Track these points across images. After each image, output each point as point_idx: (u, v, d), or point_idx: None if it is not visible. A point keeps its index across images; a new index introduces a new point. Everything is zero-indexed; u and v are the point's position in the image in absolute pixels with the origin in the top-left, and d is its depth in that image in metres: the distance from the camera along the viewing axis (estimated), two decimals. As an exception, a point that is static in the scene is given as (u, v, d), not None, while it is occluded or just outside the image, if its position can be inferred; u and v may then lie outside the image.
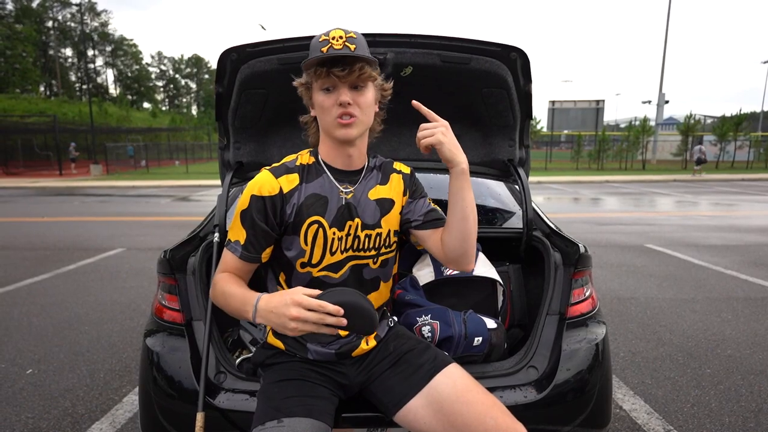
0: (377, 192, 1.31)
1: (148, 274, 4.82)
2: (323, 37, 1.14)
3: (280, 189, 1.22)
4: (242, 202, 1.22)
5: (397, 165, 1.39)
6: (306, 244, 1.23)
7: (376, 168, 1.34)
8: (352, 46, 1.12)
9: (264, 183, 1.21)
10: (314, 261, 1.24)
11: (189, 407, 1.36)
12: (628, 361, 2.89)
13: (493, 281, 1.71)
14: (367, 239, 1.27)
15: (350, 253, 1.27)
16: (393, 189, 1.34)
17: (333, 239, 1.24)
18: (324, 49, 1.12)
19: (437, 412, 1.19)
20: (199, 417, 1.30)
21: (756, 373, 2.71)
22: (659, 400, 2.44)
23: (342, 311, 1.00)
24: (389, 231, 1.31)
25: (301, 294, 1.03)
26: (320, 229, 1.23)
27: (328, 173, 1.26)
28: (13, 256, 5.65)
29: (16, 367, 2.82)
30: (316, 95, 1.18)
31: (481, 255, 1.76)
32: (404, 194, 1.36)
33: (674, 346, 3.09)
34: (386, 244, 1.31)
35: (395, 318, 1.51)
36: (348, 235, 1.25)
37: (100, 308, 3.83)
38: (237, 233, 1.23)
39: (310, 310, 1.00)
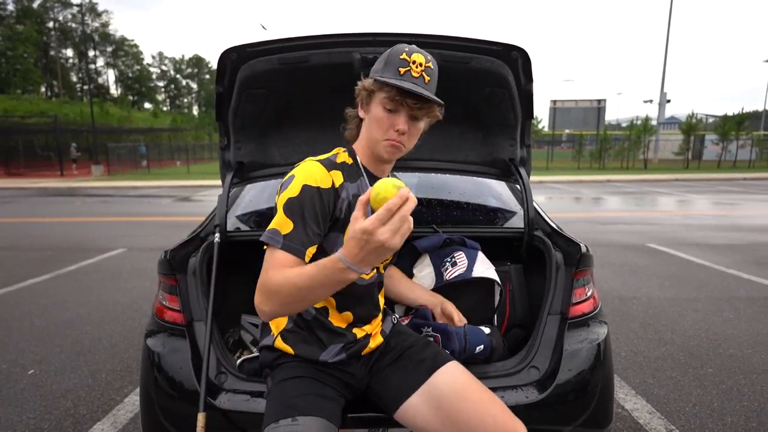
0: None
1: (149, 274, 4.83)
2: (404, 55, 1.14)
3: (332, 182, 1.17)
4: (291, 190, 1.12)
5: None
6: None
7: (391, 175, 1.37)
8: (428, 78, 1.14)
9: (317, 173, 1.15)
10: None
11: (190, 408, 1.36)
12: (629, 360, 2.88)
13: (491, 281, 1.70)
14: None
15: None
16: None
17: None
18: (402, 70, 1.12)
19: (437, 409, 1.19)
20: (200, 417, 1.30)
21: (758, 373, 2.70)
22: (661, 399, 2.44)
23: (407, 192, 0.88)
24: None
25: (361, 222, 0.88)
26: None
27: (366, 177, 1.25)
28: (15, 257, 5.65)
29: (17, 368, 2.82)
30: (375, 108, 1.17)
31: (481, 254, 1.75)
32: None
33: (676, 345, 3.09)
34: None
35: (397, 315, 1.51)
36: None
37: (102, 308, 3.83)
38: (279, 223, 1.11)
39: (383, 225, 0.87)
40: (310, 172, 1.15)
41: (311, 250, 1.11)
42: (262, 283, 1.06)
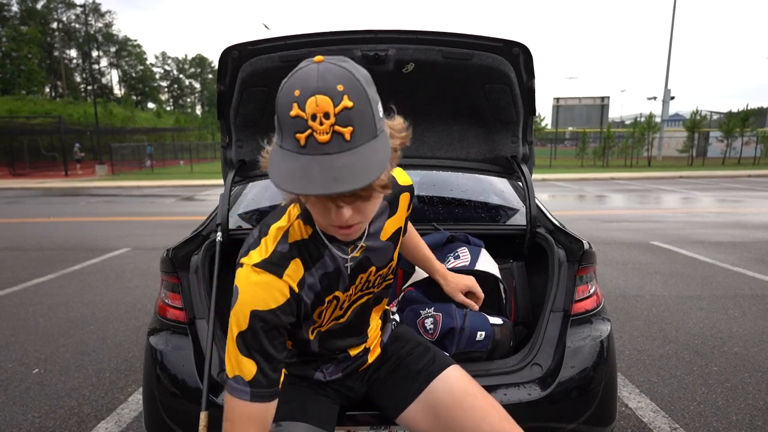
0: (389, 228, 1.12)
1: (153, 273, 4.84)
2: (295, 109, 0.73)
3: (290, 289, 0.93)
4: (238, 319, 0.89)
5: (399, 177, 1.16)
6: (320, 318, 1.07)
7: (385, 198, 1.09)
8: (347, 129, 0.73)
9: (267, 291, 0.90)
10: (324, 322, 1.09)
11: (192, 405, 1.37)
12: (633, 359, 2.87)
13: (495, 278, 1.70)
14: (378, 278, 1.14)
15: (358, 294, 1.13)
16: (401, 212, 1.15)
17: (344, 300, 1.08)
18: (301, 137, 0.74)
19: (435, 418, 1.17)
20: (203, 416, 1.30)
21: (764, 371, 2.69)
22: (665, 398, 2.43)
23: None
24: (395, 255, 1.18)
25: None
26: (335, 300, 1.06)
27: (331, 247, 0.99)
28: (20, 257, 5.68)
29: (22, 367, 2.84)
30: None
31: (484, 252, 1.75)
32: (407, 209, 1.19)
33: (680, 343, 3.07)
34: (392, 270, 1.18)
35: (397, 318, 1.50)
36: (359, 284, 1.10)
37: (106, 308, 3.84)
38: (238, 366, 0.90)
39: None
40: (256, 292, 0.89)
41: (281, 376, 0.97)
42: None
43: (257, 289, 0.90)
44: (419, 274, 1.74)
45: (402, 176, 1.18)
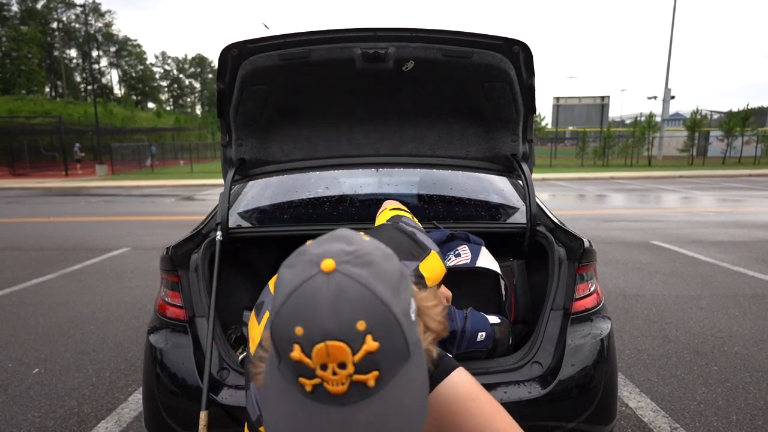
0: None
1: (153, 273, 4.84)
2: (297, 352, 0.53)
3: None
4: None
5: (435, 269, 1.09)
6: None
7: None
8: (370, 377, 0.54)
9: None
10: None
11: (192, 404, 1.36)
12: (634, 358, 2.86)
13: (495, 275, 1.70)
14: None
15: None
16: None
17: None
18: (306, 384, 0.54)
19: (438, 422, 1.16)
20: (203, 416, 1.30)
21: (764, 370, 2.68)
22: (665, 397, 2.42)
23: None
24: None
25: None
26: None
27: None
28: (20, 257, 5.68)
29: (22, 367, 2.84)
30: None
31: (484, 249, 1.75)
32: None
33: (681, 343, 3.07)
34: None
35: None
36: None
37: (106, 308, 3.84)
38: None
39: None
40: None
41: None
42: None
43: None
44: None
45: (438, 268, 1.10)
